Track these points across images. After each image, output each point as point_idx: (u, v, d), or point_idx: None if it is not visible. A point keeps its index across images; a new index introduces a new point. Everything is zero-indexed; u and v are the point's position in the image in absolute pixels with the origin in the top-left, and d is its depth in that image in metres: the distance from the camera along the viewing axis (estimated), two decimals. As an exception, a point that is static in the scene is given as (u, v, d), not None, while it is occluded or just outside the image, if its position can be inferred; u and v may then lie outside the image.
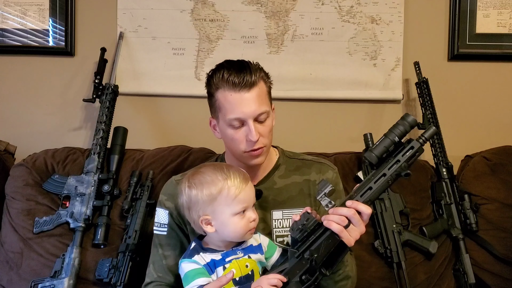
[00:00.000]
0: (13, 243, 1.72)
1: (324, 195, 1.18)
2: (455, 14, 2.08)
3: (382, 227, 1.75)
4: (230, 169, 1.25)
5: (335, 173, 1.46)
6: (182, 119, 2.12)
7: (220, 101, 1.29)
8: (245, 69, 1.28)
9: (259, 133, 1.28)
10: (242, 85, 1.25)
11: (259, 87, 1.29)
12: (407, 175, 1.15)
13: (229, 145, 1.35)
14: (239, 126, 1.28)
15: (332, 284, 1.30)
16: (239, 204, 1.21)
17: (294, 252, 1.20)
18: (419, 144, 1.17)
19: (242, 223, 1.22)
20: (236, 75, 1.26)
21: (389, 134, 1.19)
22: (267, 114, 1.30)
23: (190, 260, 1.24)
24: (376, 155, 1.18)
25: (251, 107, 1.26)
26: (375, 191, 1.17)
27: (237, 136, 1.29)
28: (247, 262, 1.24)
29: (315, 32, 2.08)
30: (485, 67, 2.11)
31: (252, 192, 1.25)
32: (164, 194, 1.43)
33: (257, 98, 1.27)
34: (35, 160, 1.84)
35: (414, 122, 1.18)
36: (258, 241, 1.30)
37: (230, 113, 1.27)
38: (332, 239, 1.16)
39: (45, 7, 2.08)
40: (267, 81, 1.34)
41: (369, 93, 2.09)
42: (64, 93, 2.11)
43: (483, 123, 2.12)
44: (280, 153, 1.47)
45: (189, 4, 2.07)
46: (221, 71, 1.29)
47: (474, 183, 1.85)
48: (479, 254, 1.80)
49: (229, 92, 1.27)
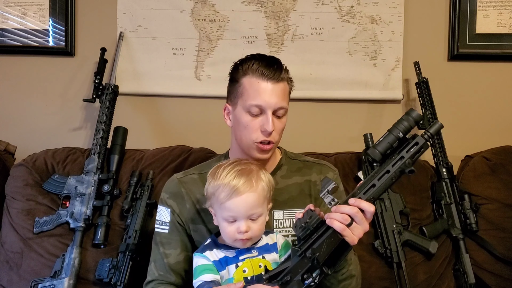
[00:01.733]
0: (13, 243, 1.72)
1: (327, 192, 1.16)
2: (455, 14, 2.08)
3: (382, 227, 1.75)
4: (238, 170, 1.21)
5: (335, 174, 1.47)
6: (182, 119, 2.12)
7: (245, 86, 1.31)
8: (276, 63, 1.32)
9: (274, 126, 1.29)
10: (271, 76, 1.29)
11: (285, 84, 1.33)
12: (411, 172, 1.13)
13: (240, 134, 1.34)
14: (257, 114, 1.30)
15: (336, 283, 1.29)
16: (225, 211, 1.20)
17: (296, 251, 1.18)
18: (424, 139, 1.14)
19: (229, 230, 1.20)
20: (267, 67, 1.30)
21: (393, 130, 1.16)
22: (285, 111, 1.33)
23: (201, 254, 1.24)
24: (379, 151, 1.16)
25: (273, 99, 1.29)
26: (378, 189, 1.14)
27: (252, 124, 1.30)
28: (261, 262, 1.23)
29: (315, 32, 2.08)
30: (485, 67, 2.11)
31: (248, 203, 1.19)
32: (166, 192, 1.43)
33: (281, 92, 1.31)
34: (35, 160, 1.84)
35: (419, 117, 1.16)
36: (274, 239, 1.29)
37: (252, 99, 1.29)
38: (335, 237, 1.14)
39: (45, 7, 2.08)
40: (291, 84, 1.38)
41: (369, 93, 2.09)
42: (64, 93, 2.11)
43: (483, 123, 2.12)
44: (282, 153, 1.48)
45: (189, 4, 2.07)
46: (252, 60, 1.32)
47: (474, 183, 1.85)
48: (479, 254, 1.81)
49: (257, 79, 1.30)
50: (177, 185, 1.42)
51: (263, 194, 1.22)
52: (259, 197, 1.20)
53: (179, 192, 1.40)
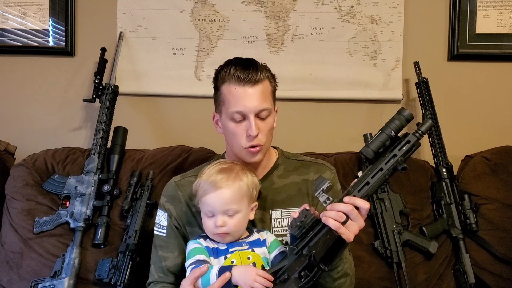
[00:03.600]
0: (13, 243, 1.72)
1: (322, 191, 1.19)
2: (455, 14, 2.08)
3: (382, 227, 1.75)
4: (220, 168, 1.27)
5: (333, 174, 1.47)
6: (182, 119, 2.12)
7: (225, 94, 1.32)
8: (251, 66, 1.31)
9: (258, 129, 1.29)
10: (247, 80, 1.28)
11: (264, 85, 1.32)
12: (404, 169, 1.16)
13: (230, 140, 1.36)
14: (240, 120, 1.30)
15: (331, 281, 1.30)
16: (204, 206, 1.26)
17: (293, 249, 1.20)
18: (415, 137, 1.18)
19: (208, 224, 1.26)
20: (242, 71, 1.29)
21: (385, 129, 1.19)
22: (268, 112, 1.32)
23: (195, 241, 1.29)
24: (372, 150, 1.19)
25: (253, 102, 1.29)
26: (372, 186, 1.17)
27: (238, 130, 1.31)
28: (250, 254, 1.26)
29: (315, 32, 2.08)
30: (485, 67, 2.11)
31: (222, 199, 1.24)
32: (164, 195, 1.45)
33: (260, 94, 1.30)
34: (35, 160, 1.84)
35: (410, 116, 1.19)
36: (263, 237, 1.32)
37: (233, 106, 1.29)
38: (330, 234, 1.16)
39: (45, 7, 2.08)
40: (272, 81, 1.37)
41: (369, 93, 2.09)
42: (64, 93, 2.11)
43: (483, 123, 2.12)
44: (279, 153, 1.48)
45: (189, 4, 2.07)
46: (229, 66, 1.32)
47: (474, 183, 1.85)
48: (479, 254, 1.80)
49: (234, 86, 1.29)
50: (174, 188, 1.43)
51: (240, 192, 1.25)
52: (234, 194, 1.24)
53: (176, 195, 1.42)
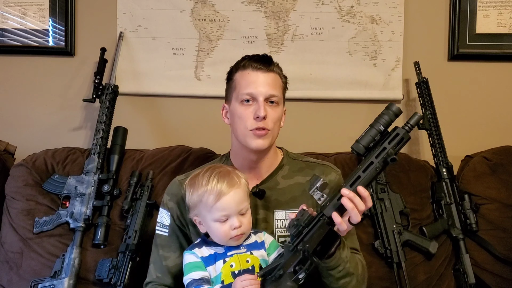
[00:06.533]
0: (13, 243, 1.72)
1: (316, 189, 1.22)
2: (455, 14, 2.08)
3: (382, 227, 1.75)
4: (218, 173, 1.27)
5: (338, 175, 1.47)
6: (182, 119, 2.12)
7: (237, 79, 1.37)
8: (266, 57, 1.38)
9: (266, 113, 1.32)
10: (261, 67, 1.35)
11: (276, 75, 1.38)
12: (393, 160, 1.18)
13: (236, 126, 1.37)
14: (250, 103, 1.33)
15: (334, 281, 1.30)
16: (217, 212, 1.24)
17: (288, 246, 1.22)
18: (404, 130, 1.20)
19: (222, 230, 1.24)
20: (257, 60, 1.37)
21: (374, 124, 1.22)
22: (278, 100, 1.36)
23: (190, 251, 1.29)
24: (363, 145, 1.21)
25: (264, 87, 1.34)
26: (364, 179, 1.19)
27: (246, 113, 1.33)
28: (249, 257, 1.26)
29: (315, 32, 2.08)
30: (485, 67, 2.11)
31: (236, 199, 1.24)
32: (167, 194, 1.45)
33: (271, 81, 1.36)
34: (35, 160, 1.84)
35: (398, 111, 1.22)
36: (262, 238, 1.32)
37: (244, 88, 1.34)
38: (323, 228, 1.19)
39: (45, 7, 2.08)
40: (283, 78, 1.42)
41: (369, 93, 2.09)
42: (64, 93, 2.11)
43: (483, 123, 2.12)
44: (284, 154, 1.49)
45: (189, 4, 2.07)
46: (244, 59, 1.39)
47: (474, 183, 1.85)
48: (479, 254, 1.80)
49: (248, 71, 1.36)
50: (178, 186, 1.43)
51: (245, 189, 1.29)
52: (244, 191, 1.28)
53: (180, 194, 1.41)
